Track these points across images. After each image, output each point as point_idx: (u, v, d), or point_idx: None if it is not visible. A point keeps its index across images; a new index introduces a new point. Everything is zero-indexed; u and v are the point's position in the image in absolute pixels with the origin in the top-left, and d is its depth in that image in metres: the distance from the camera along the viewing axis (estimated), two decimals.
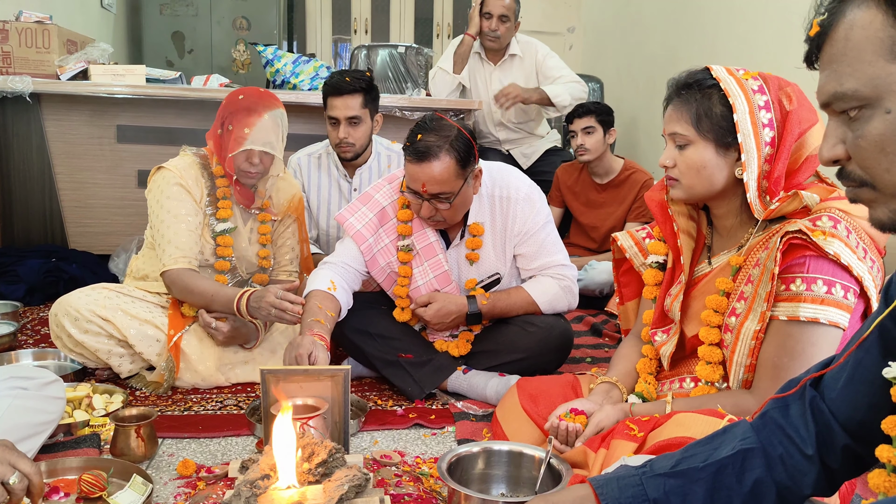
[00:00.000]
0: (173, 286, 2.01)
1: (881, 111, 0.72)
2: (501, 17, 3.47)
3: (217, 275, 2.13)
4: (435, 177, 1.83)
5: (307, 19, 6.05)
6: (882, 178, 0.73)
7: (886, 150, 0.72)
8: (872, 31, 0.71)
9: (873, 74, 0.71)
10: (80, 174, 3.15)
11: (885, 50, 0.71)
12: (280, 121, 2.06)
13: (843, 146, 0.76)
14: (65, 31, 3.10)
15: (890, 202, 0.74)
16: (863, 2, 0.73)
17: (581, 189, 3.35)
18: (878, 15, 0.71)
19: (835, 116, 0.77)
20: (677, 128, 1.37)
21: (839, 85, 0.74)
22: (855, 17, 0.73)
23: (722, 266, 1.42)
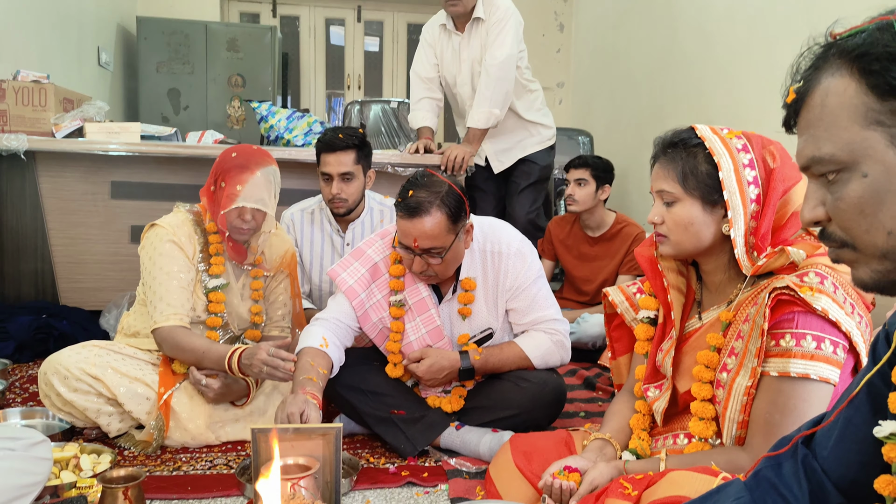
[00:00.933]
0: (164, 343, 2.00)
1: (858, 174, 0.74)
2: None
3: (209, 331, 2.12)
4: (426, 232, 1.85)
5: (301, 75, 6.17)
6: (862, 240, 0.75)
7: (865, 211, 0.74)
8: (847, 98, 0.74)
9: (849, 139, 0.74)
10: (73, 230, 3.17)
11: (859, 116, 0.73)
12: (273, 178, 2.08)
13: (823, 208, 0.78)
14: (61, 90, 3.15)
15: (871, 262, 0.75)
16: (836, 70, 0.75)
17: (573, 242, 3.38)
18: (851, 83, 0.74)
19: (814, 179, 0.79)
20: (664, 185, 1.40)
21: (817, 149, 0.76)
22: (829, 84, 0.75)
23: (712, 321, 1.43)
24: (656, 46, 4.34)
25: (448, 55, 3.39)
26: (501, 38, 3.21)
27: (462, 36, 3.33)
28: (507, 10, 3.25)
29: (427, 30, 3.46)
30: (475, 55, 3.30)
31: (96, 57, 4.59)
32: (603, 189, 3.26)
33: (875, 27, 0.73)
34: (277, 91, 5.31)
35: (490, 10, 3.26)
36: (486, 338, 2.07)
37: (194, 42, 5.04)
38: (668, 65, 4.17)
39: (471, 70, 3.33)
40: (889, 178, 0.72)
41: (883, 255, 0.74)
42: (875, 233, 0.73)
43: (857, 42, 0.73)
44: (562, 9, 6.00)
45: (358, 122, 4.94)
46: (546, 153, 3.55)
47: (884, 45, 0.71)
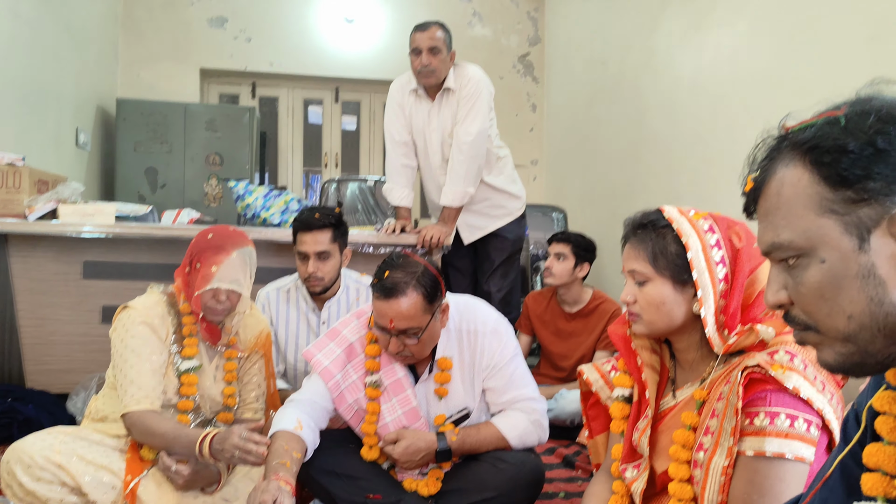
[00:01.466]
0: (133, 428, 1.95)
1: (817, 260, 0.76)
2: (431, 49, 3.18)
3: (180, 415, 2.07)
4: (402, 313, 1.85)
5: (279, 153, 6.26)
6: (824, 323, 0.77)
7: (825, 296, 0.76)
8: (801, 187, 0.77)
9: (805, 227, 0.76)
10: (42, 311, 3.11)
11: (814, 205, 0.76)
12: (248, 258, 2.08)
13: (785, 292, 0.80)
14: (36, 172, 3.15)
15: (834, 345, 0.77)
16: (790, 161, 0.79)
17: (550, 317, 3.39)
18: (804, 173, 0.77)
19: (776, 263, 0.82)
20: (635, 265, 1.42)
21: (776, 236, 0.79)
22: (784, 175, 0.79)
23: (686, 400, 1.43)
24: (626, 125, 4.48)
25: (418, 121, 3.37)
26: (474, 112, 3.22)
27: (433, 104, 3.33)
28: (479, 83, 3.26)
29: (396, 91, 3.43)
30: (446, 126, 3.30)
31: (74, 138, 4.62)
32: (581, 266, 3.29)
33: (824, 122, 0.77)
34: (255, 169, 5.37)
35: (461, 81, 3.26)
36: (463, 418, 2.04)
37: (173, 122, 5.11)
38: (638, 143, 4.30)
39: (441, 139, 3.32)
40: (845, 264, 0.74)
41: (845, 338, 0.75)
42: (836, 317, 0.75)
43: (808, 136, 0.77)
44: (534, 90, 6.21)
45: (335, 200, 4.99)
46: (517, 224, 3.52)
47: (833, 139, 0.75)
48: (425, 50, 3.19)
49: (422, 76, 3.25)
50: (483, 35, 6.13)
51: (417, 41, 3.21)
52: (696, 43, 3.67)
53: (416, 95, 3.37)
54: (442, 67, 3.24)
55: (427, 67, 3.20)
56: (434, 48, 3.19)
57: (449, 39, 3.27)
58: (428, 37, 3.19)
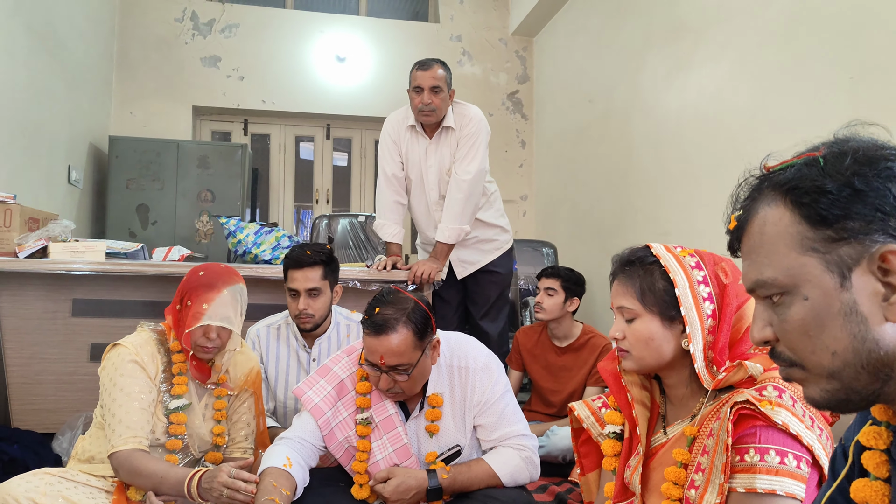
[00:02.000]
0: (121, 468, 1.92)
1: (800, 298, 0.77)
2: (433, 88, 3.20)
3: (168, 454, 2.05)
4: (393, 349, 1.85)
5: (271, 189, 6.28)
6: (809, 360, 0.78)
7: (809, 333, 0.77)
8: (783, 226, 0.79)
9: (788, 265, 0.78)
10: (30, 349, 3.08)
11: (795, 243, 0.78)
12: (239, 296, 2.08)
13: (770, 328, 0.81)
14: (27, 210, 3.16)
15: (820, 382, 0.78)
16: (772, 200, 0.81)
17: (540, 352, 3.39)
18: (785, 213, 0.79)
19: (760, 301, 0.83)
20: (624, 302, 1.44)
21: (759, 273, 0.81)
22: (766, 214, 0.81)
23: (677, 436, 1.43)
24: (614, 161, 4.54)
25: (414, 157, 3.38)
26: (474, 151, 3.25)
27: (430, 141, 3.34)
28: (479, 123, 3.30)
29: (391, 126, 3.42)
30: (444, 163, 3.32)
31: (66, 175, 4.63)
32: (571, 301, 3.30)
33: (803, 163, 0.79)
34: (246, 204, 5.39)
35: (462, 121, 3.30)
36: (454, 455, 2.03)
37: (165, 159, 5.14)
38: (626, 179, 4.35)
39: (438, 177, 3.34)
40: (828, 301, 0.75)
41: (830, 374, 0.76)
42: (820, 354, 0.76)
43: (788, 176, 0.79)
44: (522, 126, 6.28)
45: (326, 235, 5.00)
46: (507, 258, 3.54)
47: (811, 180, 0.77)
48: (427, 89, 3.21)
49: (422, 114, 3.26)
50: (473, 73, 6.22)
51: (419, 80, 3.22)
52: (680, 82, 3.74)
53: (413, 132, 3.38)
54: (443, 106, 3.26)
55: (428, 107, 3.22)
56: (436, 87, 3.22)
57: (449, 78, 3.31)
58: (430, 76, 3.21)
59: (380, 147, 3.47)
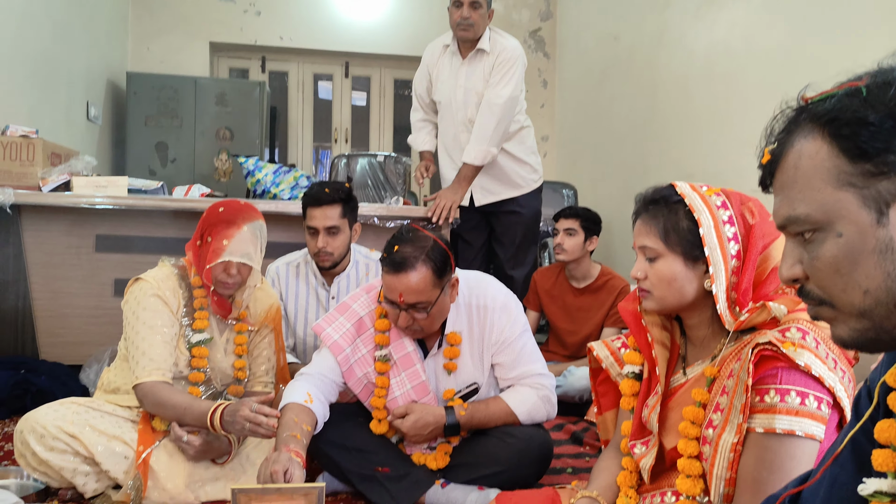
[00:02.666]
0: (145, 399, 1.97)
1: (833, 234, 0.75)
2: (472, 3, 3.22)
3: (191, 387, 2.09)
4: (412, 287, 1.85)
5: (289, 129, 6.24)
6: (839, 298, 0.76)
7: (841, 271, 0.74)
8: (819, 160, 0.76)
9: (823, 200, 0.75)
10: (55, 283, 3.14)
11: (832, 178, 0.75)
12: (259, 232, 2.09)
13: (800, 266, 0.79)
14: (49, 145, 3.16)
15: (849, 321, 0.76)
16: (809, 133, 0.77)
17: (558, 293, 3.38)
18: (823, 146, 0.75)
19: (791, 238, 0.81)
20: (646, 241, 1.41)
21: (792, 209, 0.78)
22: (802, 147, 0.77)
23: (697, 377, 1.43)
24: (638, 101, 4.44)
25: (445, 76, 3.41)
26: (508, 77, 3.26)
27: (463, 62, 3.37)
28: (514, 51, 3.31)
29: (428, 50, 3.53)
30: (474, 85, 3.32)
31: (85, 112, 4.62)
32: (591, 240, 3.29)
33: (844, 93, 0.75)
34: (265, 144, 5.36)
35: (497, 47, 3.31)
36: (472, 393, 2.05)
37: (183, 96, 5.10)
38: (651, 119, 4.26)
39: (465, 98, 3.34)
40: (863, 238, 0.73)
41: (860, 313, 0.74)
42: (851, 292, 0.74)
43: (828, 107, 0.76)
44: (545, 66, 6.14)
45: (345, 176, 4.98)
46: (533, 198, 3.52)
47: (852, 111, 0.73)
48: (466, 3, 3.24)
49: (459, 28, 3.29)
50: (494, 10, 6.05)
51: None
52: (711, 18, 3.61)
53: (447, 52, 3.43)
54: (480, 23, 3.28)
55: (466, 21, 3.25)
56: (475, 2, 3.25)
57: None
58: None
59: (416, 73, 3.57)
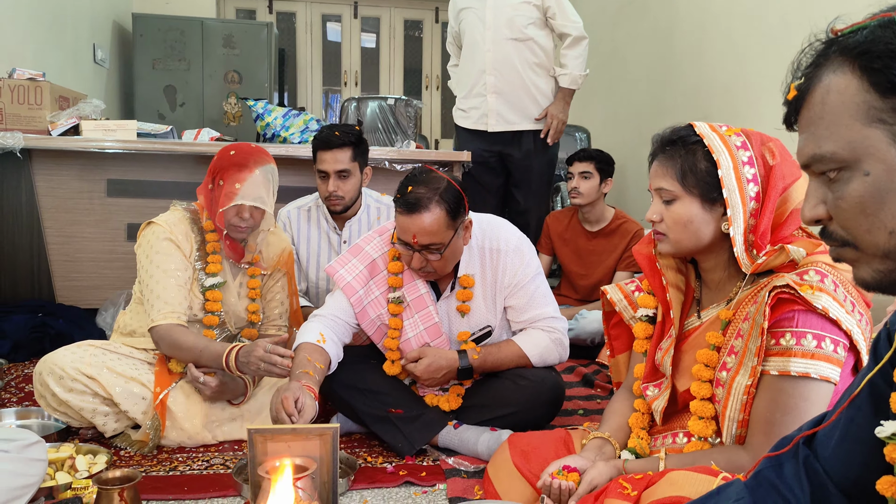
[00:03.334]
0: (161, 342, 1.99)
1: (860, 173, 0.72)
2: None
3: (205, 330, 2.11)
4: (425, 228, 1.84)
5: (298, 72, 6.15)
6: (864, 239, 0.74)
7: (867, 211, 0.72)
8: (848, 95, 0.72)
9: (850, 138, 0.72)
10: (69, 228, 3.15)
11: (861, 114, 0.72)
12: (271, 176, 2.07)
13: (824, 206, 0.77)
14: (57, 88, 3.13)
15: (872, 262, 0.74)
16: (838, 67, 0.74)
17: (571, 236, 3.37)
18: (853, 80, 0.72)
19: (815, 177, 0.78)
20: (663, 183, 1.39)
21: (817, 147, 0.75)
22: (831, 81, 0.74)
23: (711, 320, 1.42)
24: (654, 42, 4.33)
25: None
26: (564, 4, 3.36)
27: None
28: None
29: None
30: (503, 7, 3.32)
31: (92, 54, 4.56)
32: (606, 182, 3.25)
33: (877, 24, 0.72)
34: (274, 87, 5.29)
35: None
36: (485, 336, 2.06)
37: (190, 39, 5.02)
38: (666, 60, 4.16)
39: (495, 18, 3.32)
40: (890, 176, 0.71)
41: (885, 254, 0.73)
42: (876, 232, 0.72)
43: (859, 39, 0.72)
44: None
45: (355, 119, 4.92)
46: None
47: (885, 43, 0.70)
48: None
49: None
50: None
51: None
52: None
53: None
54: None
55: None
56: None
57: None
58: None
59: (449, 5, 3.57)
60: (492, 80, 3.36)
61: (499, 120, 3.41)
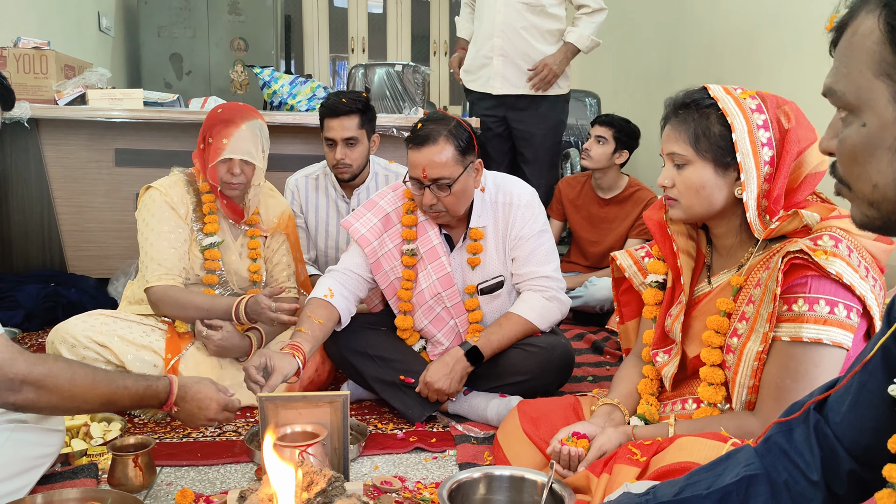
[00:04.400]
0: (160, 303, 2.02)
1: (858, 122, 0.74)
2: None
3: (206, 289, 2.15)
4: (435, 161, 1.88)
5: (304, 39, 6.09)
6: (855, 184, 0.76)
7: (857, 160, 0.75)
8: (869, 42, 0.73)
9: (860, 83, 0.73)
10: (78, 198, 3.15)
11: (873, 63, 0.72)
12: (259, 131, 2.10)
13: (836, 141, 0.79)
14: (62, 57, 3.11)
15: (861, 206, 0.77)
16: (872, 11, 0.74)
17: (583, 202, 3.34)
18: (876, 28, 0.73)
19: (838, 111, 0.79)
20: (675, 148, 1.37)
21: (834, 81, 0.77)
22: (862, 23, 0.75)
23: (722, 286, 1.41)
24: (665, 5, 4.25)
25: None
26: None
27: None
28: None
29: None
30: None
31: (97, 22, 4.53)
32: (621, 153, 3.20)
33: None
34: (280, 55, 5.24)
35: None
36: (497, 286, 2.06)
37: (195, 6, 4.96)
38: (677, 23, 4.09)
39: None
40: (882, 132, 0.72)
41: (870, 203, 0.75)
42: (864, 182, 0.75)
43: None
44: None
45: (362, 86, 4.88)
46: (558, 107, 3.43)
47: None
48: None
49: None
50: None
51: None
52: None
53: None
54: None
55: None
56: None
57: None
58: None
59: None
60: (499, 42, 3.33)
61: (504, 83, 3.38)
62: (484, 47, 3.37)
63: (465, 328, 2.06)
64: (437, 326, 2.07)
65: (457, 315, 2.06)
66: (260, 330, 2.12)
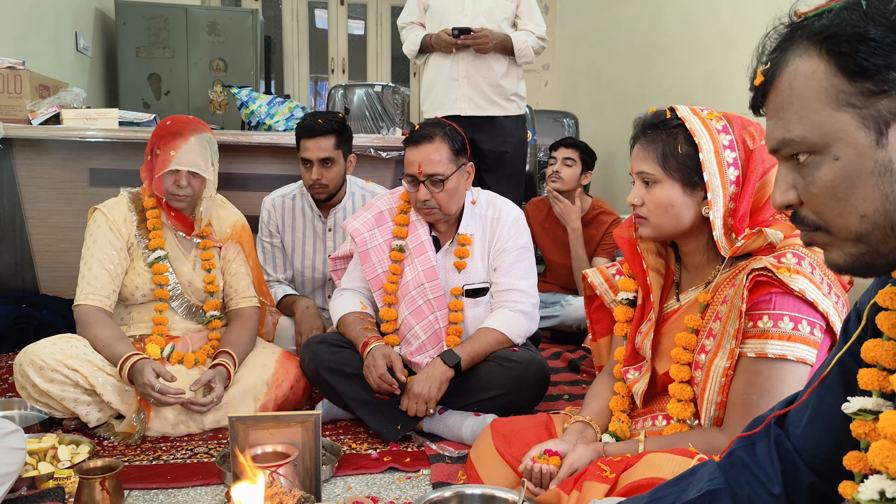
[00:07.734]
0: (77, 323, 2.03)
1: (830, 158, 0.72)
2: None
3: (160, 303, 2.15)
4: (430, 158, 2.01)
5: (285, 60, 6.11)
6: (835, 223, 0.73)
7: (837, 195, 0.72)
8: (816, 80, 0.72)
9: (820, 122, 0.72)
10: (51, 218, 3.12)
11: (830, 98, 0.71)
12: (207, 144, 2.11)
13: (794, 191, 0.76)
14: (37, 76, 3.09)
15: (844, 246, 0.74)
16: (804, 51, 0.73)
17: (550, 225, 3.36)
18: (820, 64, 0.72)
19: (784, 162, 0.78)
20: (644, 167, 1.39)
21: (787, 132, 0.75)
22: (798, 66, 0.74)
23: (690, 303, 1.42)
24: (641, 28, 4.32)
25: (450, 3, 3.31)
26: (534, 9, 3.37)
27: None
28: None
29: None
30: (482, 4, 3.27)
31: (74, 42, 4.51)
32: (586, 175, 3.24)
33: (842, 6, 0.71)
34: (260, 76, 5.25)
35: None
36: (482, 291, 2.11)
37: (174, 26, 4.97)
38: (653, 46, 4.16)
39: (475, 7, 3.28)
40: (861, 160, 0.70)
41: (856, 238, 0.72)
42: (848, 217, 0.72)
43: (825, 23, 0.72)
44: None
45: (342, 107, 4.90)
46: (518, 126, 3.43)
47: (852, 26, 0.69)
48: None
49: None
50: None
51: None
52: None
53: None
54: None
55: None
56: None
57: None
58: None
59: None
60: (464, 66, 3.34)
61: (471, 105, 3.39)
62: (446, 71, 3.37)
63: (445, 324, 2.08)
64: (417, 319, 2.07)
65: (438, 309, 2.08)
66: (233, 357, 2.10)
